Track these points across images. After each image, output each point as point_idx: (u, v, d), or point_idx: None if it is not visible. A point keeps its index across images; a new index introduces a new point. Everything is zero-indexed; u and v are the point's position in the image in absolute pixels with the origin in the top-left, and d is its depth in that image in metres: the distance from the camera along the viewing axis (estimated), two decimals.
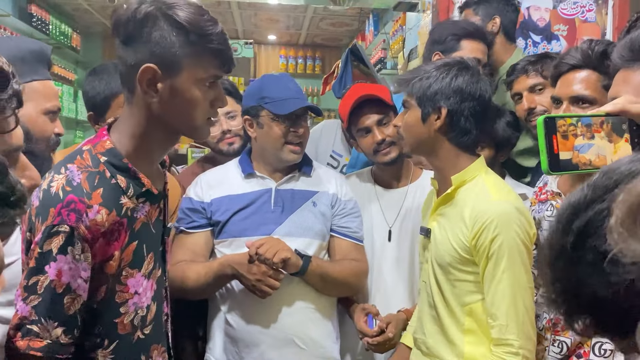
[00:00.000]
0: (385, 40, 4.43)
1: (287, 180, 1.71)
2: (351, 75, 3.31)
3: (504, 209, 1.30)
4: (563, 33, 2.76)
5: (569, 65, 1.37)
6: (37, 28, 5.10)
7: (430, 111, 1.37)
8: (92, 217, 0.99)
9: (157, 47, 1.00)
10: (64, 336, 0.98)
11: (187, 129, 1.09)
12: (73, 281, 0.98)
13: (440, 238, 1.39)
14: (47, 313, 0.97)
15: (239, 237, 1.65)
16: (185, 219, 1.70)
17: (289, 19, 6.05)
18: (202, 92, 1.04)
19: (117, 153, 1.06)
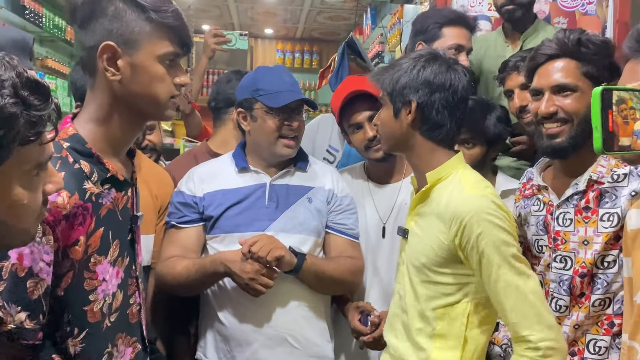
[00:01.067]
0: (382, 34, 4.39)
1: (281, 175, 1.68)
2: (348, 69, 3.27)
3: (480, 203, 1.25)
4: (563, 26, 2.72)
5: (545, 55, 1.37)
6: (30, 21, 5.03)
7: (400, 106, 1.32)
8: (52, 200, 0.97)
9: (114, 25, 1.03)
10: (29, 321, 0.95)
11: (151, 107, 1.09)
12: (35, 265, 0.95)
13: (416, 238, 1.34)
14: (9, 297, 0.94)
15: (232, 232, 1.61)
16: (176, 214, 1.66)
17: (286, 13, 6.00)
18: (162, 68, 1.06)
19: (80, 138, 1.06)
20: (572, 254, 1.36)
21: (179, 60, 1.10)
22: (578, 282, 1.35)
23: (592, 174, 1.34)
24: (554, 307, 1.38)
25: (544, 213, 1.43)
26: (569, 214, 1.37)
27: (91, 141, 1.07)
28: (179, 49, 1.07)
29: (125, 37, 1.03)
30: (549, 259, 1.40)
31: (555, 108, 1.34)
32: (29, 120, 0.71)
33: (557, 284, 1.38)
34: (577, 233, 1.35)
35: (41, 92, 0.73)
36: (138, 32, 1.03)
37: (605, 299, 1.32)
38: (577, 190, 1.36)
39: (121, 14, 1.03)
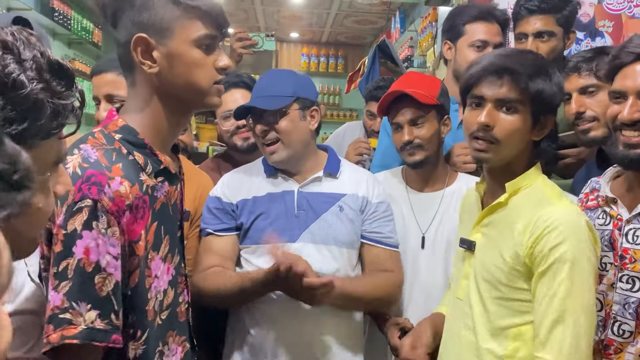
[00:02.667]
0: (412, 38, 4.31)
1: (310, 182, 1.60)
2: (378, 72, 3.20)
3: (571, 215, 1.16)
4: (608, 29, 2.60)
5: (634, 55, 1.24)
6: (59, 23, 5.08)
7: (540, 119, 1.21)
8: (115, 189, 0.94)
9: (143, 16, 0.99)
10: (100, 321, 0.90)
11: (194, 95, 1.04)
12: (102, 258, 0.91)
13: (488, 251, 1.25)
14: (77, 296, 0.89)
15: (264, 244, 1.55)
16: (213, 220, 1.60)
17: (312, 16, 5.95)
18: (200, 53, 1.01)
19: (132, 129, 1.03)
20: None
21: (217, 43, 1.05)
22: None
23: None
24: (617, 331, 1.27)
25: (610, 228, 1.32)
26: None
27: (142, 133, 1.03)
28: (214, 30, 1.02)
29: (157, 26, 0.99)
30: (613, 278, 1.29)
31: (639, 115, 1.23)
32: (53, 110, 0.63)
33: (622, 306, 1.27)
34: None
35: (66, 75, 0.65)
36: (169, 19, 0.99)
37: None
38: None
39: (149, 3, 0.99)
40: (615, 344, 1.27)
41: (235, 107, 1.92)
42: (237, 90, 1.98)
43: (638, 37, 1.26)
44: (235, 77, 2.01)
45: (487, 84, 1.23)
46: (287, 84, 1.58)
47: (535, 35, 1.86)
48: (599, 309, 1.32)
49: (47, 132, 0.63)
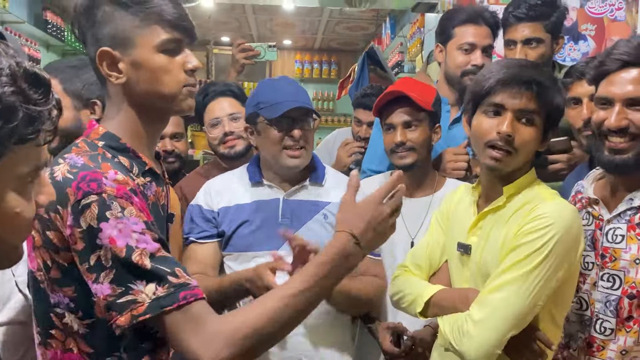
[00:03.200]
0: (402, 44, 4.35)
1: (296, 190, 1.62)
2: (368, 79, 3.24)
3: (564, 209, 1.20)
4: (591, 33, 2.65)
5: (620, 62, 1.26)
6: (52, 35, 5.11)
7: (549, 131, 1.25)
8: (113, 177, 0.96)
9: (104, 30, 1.02)
10: (160, 288, 0.92)
11: (163, 101, 1.05)
12: (129, 240, 0.93)
13: (484, 251, 1.28)
14: (129, 279, 0.92)
15: (246, 251, 1.57)
16: (195, 229, 1.62)
17: (304, 23, 6.00)
18: (165, 58, 1.03)
19: (113, 135, 1.05)
20: (621, 273, 1.28)
21: (183, 46, 1.06)
22: (626, 303, 1.26)
23: None
24: (599, 329, 1.30)
25: (592, 228, 1.35)
26: (620, 230, 1.29)
27: (124, 138, 1.06)
28: (177, 33, 1.03)
29: (119, 38, 1.01)
30: (595, 277, 1.33)
31: (626, 122, 1.25)
32: (27, 115, 0.65)
33: (604, 304, 1.30)
34: (629, 251, 1.27)
35: (41, 85, 0.67)
36: (128, 29, 1.01)
37: None
38: (631, 206, 1.28)
39: (109, 17, 1.02)
40: (598, 341, 1.30)
41: (222, 115, 1.97)
42: (225, 99, 2.00)
43: (624, 43, 1.28)
44: (224, 86, 2.03)
45: (510, 94, 1.24)
46: (306, 95, 1.63)
47: (523, 43, 1.88)
48: (585, 309, 1.35)
49: (22, 136, 0.66)
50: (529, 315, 1.19)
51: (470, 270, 1.31)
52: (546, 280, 1.17)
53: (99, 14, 1.02)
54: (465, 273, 1.34)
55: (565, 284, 1.22)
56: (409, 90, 1.63)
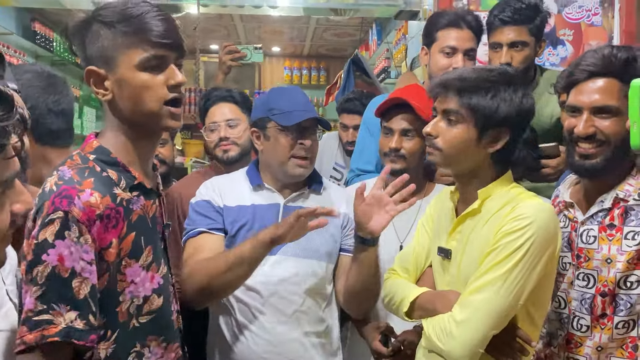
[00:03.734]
0: (388, 50, 4.40)
1: (296, 197, 1.65)
2: (354, 85, 3.29)
3: (542, 208, 1.23)
4: (569, 38, 2.72)
5: (587, 72, 1.31)
6: (40, 45, 5.12)
7: (489, 134, 1.26)
8: (86, 199, 1.00)
9: (92, 49, 1.07)
10: (79, 321, 0.96)
11: (145, 118, 1.09)
12: (76, 264, 0.97)
13: (464, 256, 1.31)
14: (57, 299, 0.95)
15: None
16: (204, 220, 1.61)
17: (293, 31, 6.04)
18: (147, 75, 1.06)
19: (105, 150, 1.10)
20: (595, 272, 1.33)
21: (169, 62, 1.08)
22: (599, 301, 1.31)
23: (619, 192, 1.31)
24: (575, 326, 1.35)
25: (568, 230, 1.40)
26: (592, 231, 1.34)
27: (115, 152, 1.11)
28: (159, 50, 1.06)
29: (103, 57, 1.06)
30: (572, 276, 1.38)
31: (593, 130, 1.30)
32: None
33: (579, 302, 1.35)
34: (600, 251, 1.32)
35: (3, 101, 0.70)
36: (112, 48, 1.06)
37: (629, 320, 1.29)
38: (602, 208, 1.33)
39: (96, 36, 1.07)
40: (576, 337, 1.35)
41: (220, 120, 2.01)
42: (226, 105, 2.04)
43: (591, 54, 1.33)
44: (225, 92, 2.08)
45: (439, 99, 1.31)
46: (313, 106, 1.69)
47: (509, 45, 1.93)
48: (563, 307, 1.39)
49: None
50: (510, 314, 1.22)
51: (451, 275, 1.34)
52: (526, 279, 1.20)
53: (89, 33, 1.07)
54: (446, 277, 1.36)
55: (542, 283, 1.25)
56: (412, 99, 1.65)
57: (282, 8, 3.21)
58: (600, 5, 2.72)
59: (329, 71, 7.02)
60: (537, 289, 1.25)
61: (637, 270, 1.27)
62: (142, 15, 1.06)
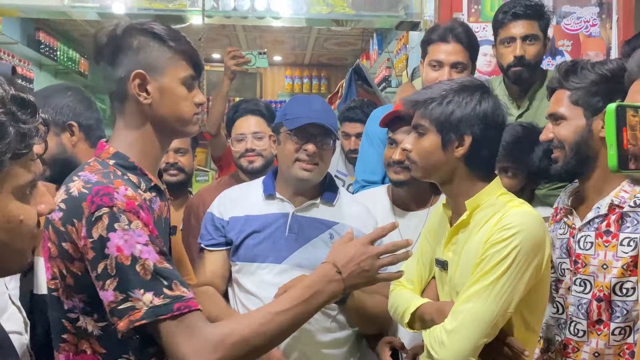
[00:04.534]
0: (389, 59, 4.44)
1: (306, 207, 1.65)
2: (355, 94, 3.33)
3: (528, 217, 1.26)
4: (567, 48, 2.75)
5: (550, 89, 1.47)
6: (45, 54, 5.17)
7: (452, 138, 1.30)
8: (124, 193, 1.06)
9: (141, 55, 1.15)
10: (157, 299, 1.01)
11: (178, 124, 1.19)
12: (134, 249, 1.02)
13: (458, 268, 1.32)
14: (130, 286, 1.01)
15: (250, 262, 1.61)
16: (206, 236, 1.68)
17: (294, 40, 6.09)
18: (184, 90, 1.18)
19: (123, 155, 1.16)
20: (591, 278, 1.35)
21: (196, 82, 1.22)
22: (595, 306, 1.33)
23: (614, 198, 1.34)
24: (573, 331, 1.37)
25: (567, 236, 1.43)
26: (589, 237, 1.37)
27: (132, 157, 1.16)
28: (194, 71, 1.20)
29: (152, 65, 1.15)
30: (569, 282, 1.40)
31: (552, 135, 1.44)
32: (18, 132, 0.74)
33: (576, 307, 1.37)
34: (597, 257, 1.34)
35: (28, 106, 0.77)
36: (162, 59, 1.16)
37: (625, 327, 1.31)
38: (598, 214, 1.36)
39: (145, 45, 1.16)
40: (572, 343, 1.37)
41: (247, 132, 2.08)
42: (253, 117, 2.11)
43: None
44: (253, 105, 2.15)
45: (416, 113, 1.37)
46: (334, 118, 1.68)
47: (522, 39, 1.97)
48: (561, 312, 1.42)
49: (16, 151, 0.75)
50: (499, 323, 1.24)
51: (448, 285, 1.36)
52: (513, 288, 1.22)
53: (135, 41, 1.16)
54: (445, 288, 1.38)
55: (536, 289, 1.27)
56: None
57: (285, 19, 3.25)
58: (599, 16, 2.77)
59: (329, 80, 7.07)
60: (531, 295, 1.27)
61: (633, 277, 1.29)
62: (185, 38, 1.19)
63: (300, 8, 3.14)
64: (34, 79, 4.87)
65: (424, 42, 2.02)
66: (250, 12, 3.11)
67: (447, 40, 1.94)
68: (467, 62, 1.94)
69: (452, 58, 1.92)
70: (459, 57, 1.93)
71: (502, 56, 2.03)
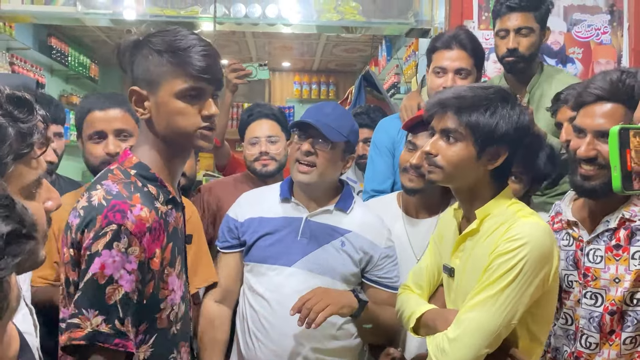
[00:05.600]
0: (398, 65, 4.44)
1: (320, 213, 1.65)
2: (364, 100, 3.33)
3: (536, 228, 1.23)
4: (578, 56, 2.75)
5: (594, 96, 1.32)
6: (56, 60, 5.22)
7: (489, 151, 1.26)
8: (137, 214, 1.07)
9: (138, 71, 1.15)
10: (104, 325, 1.02)
11: (179, 138, 1.17)
12: (116, 272, 1.03)
13: (465, 275, 1.32)
14: (88, 304, 1.02)
15: (261, 263, 1.63)
16: (221, 237, 1.72)
17: (303, 46, 6.11)
18: (184, 103, 1.14)
19: (144, 165, 1.17)
20: (602, 291, 1.34)
21: (207, 93, 1.16)
22: (608, 319, 1.33)
23: (625, 212, 1.33)
24: (584, 344, 1.36)
25: (573, 248, 1.42)
26: (599, 251, 1.36)
27: (153, 168, 1.17)
28: (199, 83, 1.14)
29: (147, 80, 1.15)
30: (579, 294, 1.39)
31: (595, 153, 1.32)
32: (18, 132, 0.74)
33: (587, 320, 1.37)
34: (608, 270, 1.34)
35: (24, 104, 0.77)
36: (157, 73, 1.13)
37: (635, 336, 1.30)
38: (607, 228, 1.35)
39: (144, 59, 1.14)
40: (584, 355, 1.36)
41: (261, 135, 2.10)
42: (266, 121, 2.13)
43: (601, 77, 1.34)
44: (268, 109, 2.17)
45: (436, 115, 1.32)
46: (347, 124, 1.64)
47: (516, 31, 1.99)
48: (570, 324, 1.41)
49: (18, 152, 0.75)
50: (503, 334, 1.22)
51: (454, 292, 1.35)
52: (518, 299, 1.21)
53: (138, 55, 1.15)
54: (451, 295, 1.38)
55: (543, 301, 1.26)
56: None
57: (295, 26, 3.27)
58: (609, 24, 2.76)
59: (338, 86, 7.08)
60: (537, 307, 1.25)
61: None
62: (189, 48, 1.13)
63: (310, 15, 3.15)
64: (45, 84, 4.91)
65: (429, 51, 2.03)
66: (262, 19, 3.13)
67: (451, 47, 1.95)
68: (471, 69, 1.95)
69: (455, 64, 1.93)
70: (462, 63, 1.93)
71: (498, 47, 2.08)
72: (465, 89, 1.32)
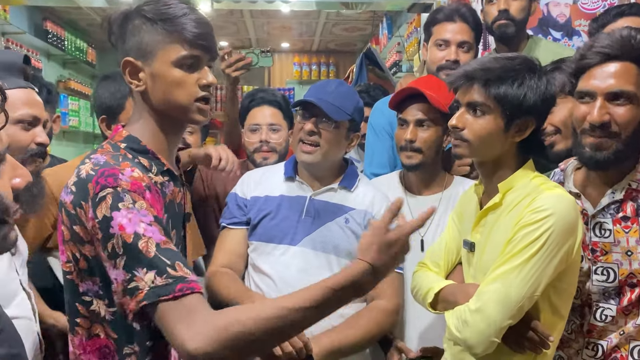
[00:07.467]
0: (400, 43, 4.38)
1: (324, 191, 1.65)
2: (366, 79, 3.28)
3: (562, 200, 1.21)
4: (584, 28, 2.69)
5: (602, 55, 1.23)
6: (52, 44, 5.16)
7: (517, 123, 1.23)
8: (129, 174, 1.04)
9: (132, 41, 1.11)
10: (159, 278, 0.97)
11: (176, 111, 1.13)
12: (138, 228, 0.99)
13: (486, 249, 1.30)
14: (134, 265, 0.98)
15: (266, 242, 1.62)
16: (227, 214, 1.70)
17: (302, 26, 6.03)
18: (181, 73, 1.10)
19: (135, 138, 1.13)
20: (615, 265, 1.31)
21: (203, 62, 1.13)
22: (628, 292, 1.30)
23: (632, 182, 1.29)
24: (600, 317, 1.33)
25: None
26: (606, 224, 1.31)
27: (145, 141, 1.14)
28: (195, 51, 1.10)
29: (142, 50, 1.10)
30: (587, 269, 1.36)
31: (608, 117, 1.23)
32: None
33: (601, 294, 1.33)
34: (618, 244, 1.30)
35: None
36: (152, 43, 1.10)
37: None
38: (613, 199, 1.30)
39: (137, 29, 1.11)
40: (598, 327, 1.33)
41: (262, 122, 2.01)
42: (269, 108, 2.03)
43: (606, 36, 1.26)
44: (272, 95, 2.07)
45: (462, 89, 1.30)
46: (351, 102, 1.62)
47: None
48: (576, 297, 1.36)
49: None
50: (525, 306, 1.21)
51: (475, 267, 1.34)
52: (542, 271, 1.19)
53: (130, 26, 1.11)
54: (470, 270, 1.36)
55: (565, 274, 1.24)
56: (427, 89, 1.64)
57: (294, 3, 3.20)
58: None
59: (338, 66, 7.02)
60: (560, 280, 1.24)
61: None
62: (184, 16, 1.10)
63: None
64: (42, 69, 4.86)
65: (428, 24, 2.01)
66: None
67: (454, 19, 1.94)
68: (472, 42, 1.94)
69: (458, 37, 1.92)
70: (465, 36, 1.93)
71: (488, 14, 2.03)
72: (491, 60, 1.28)
